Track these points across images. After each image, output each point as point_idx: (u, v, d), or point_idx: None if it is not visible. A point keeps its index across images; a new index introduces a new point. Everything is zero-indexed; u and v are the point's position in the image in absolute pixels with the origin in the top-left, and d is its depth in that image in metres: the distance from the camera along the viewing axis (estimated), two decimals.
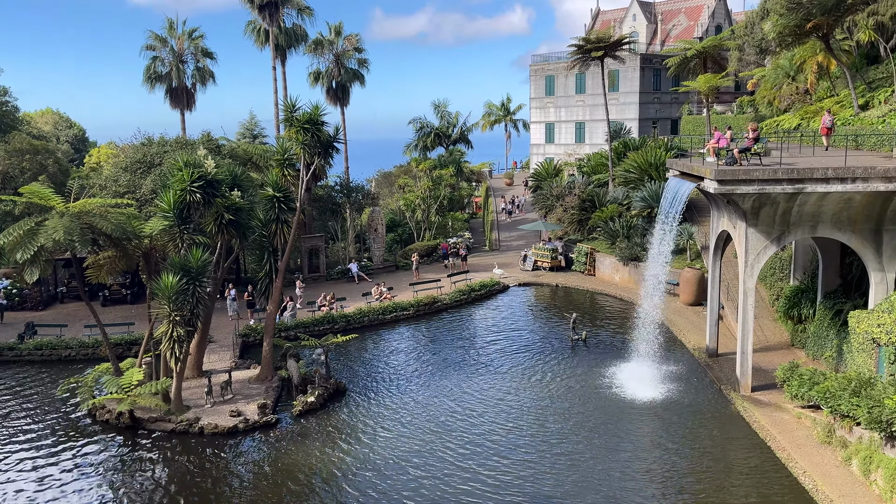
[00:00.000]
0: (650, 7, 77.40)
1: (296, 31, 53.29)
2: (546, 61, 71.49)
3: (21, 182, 41.00)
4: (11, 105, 64.65)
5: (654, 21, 76.15)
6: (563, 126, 70.45)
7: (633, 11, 77.05)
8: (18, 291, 36.55)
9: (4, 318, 34.19)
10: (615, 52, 47.64)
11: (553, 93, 70.68)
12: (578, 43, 47.97)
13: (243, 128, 73.91)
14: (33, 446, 21.32)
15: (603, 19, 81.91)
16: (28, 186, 24.22)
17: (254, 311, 33.75)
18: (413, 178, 53.39)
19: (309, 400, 23.49)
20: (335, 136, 26.64)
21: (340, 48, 52.52)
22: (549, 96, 71.04)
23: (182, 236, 23.21)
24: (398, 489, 18.34)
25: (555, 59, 70.45)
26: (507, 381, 25.81)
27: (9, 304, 35.46)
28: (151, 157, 37.35)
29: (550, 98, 71.01)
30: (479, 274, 41.43)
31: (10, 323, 33.55)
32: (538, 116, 72.61)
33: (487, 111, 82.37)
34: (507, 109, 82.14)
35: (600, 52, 46.59)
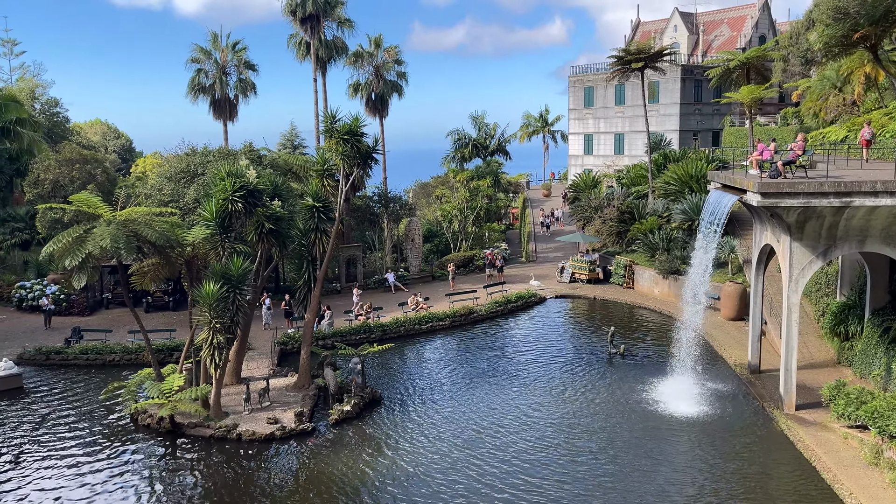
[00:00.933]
0: (692, 18, 76.57)
1: (336, 44, 54.00)
2: (585, 72, 71.21)
3: (71, 190, 42.29)
4: (62, 116, 66.77)
5: (696, 32, 75.29)
6: (602, 137, 69.97)
7: (674, 22, 76.31)
8: (66, 297, 37.60)
9: (52, 322, 35.19)
10: (655, 63, 47.22)
11: (592, 104, 70.30)
12: (618, 54, 47.68)
13: (284, 138, 75.15)
14: (78, 448, 21.82)
15: (643, 30, 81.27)
16: (77, 195, 24.91)
17: (292, 320, 34.14)
18: (450, 189, 53.52)
19: (345, 409, 23.62)
20: (374, 147, 26.87)
21: (380, 60, 53.02)
22: (588, 107, 70.67)
23: (223, 245, 23.63)
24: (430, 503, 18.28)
25: (594, 70, 70.12)
26: (542, 394, 25.58)
27: (57, 309, 36.50)
28: (195, 167, 38.13)
29: (589, 109, 70.62)
30: (515, 285, 41.25)
31: (58, 328, 34.50)
32: (577, 128, 72.26)
33: (525, 122, 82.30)
34: (545, 120, 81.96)
35: (640, 63, 46.23)
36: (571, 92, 72.00)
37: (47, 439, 22.52)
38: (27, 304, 38.20)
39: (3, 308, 38.97)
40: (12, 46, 73.97)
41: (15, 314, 37.75)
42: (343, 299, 39.56)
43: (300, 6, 51.35)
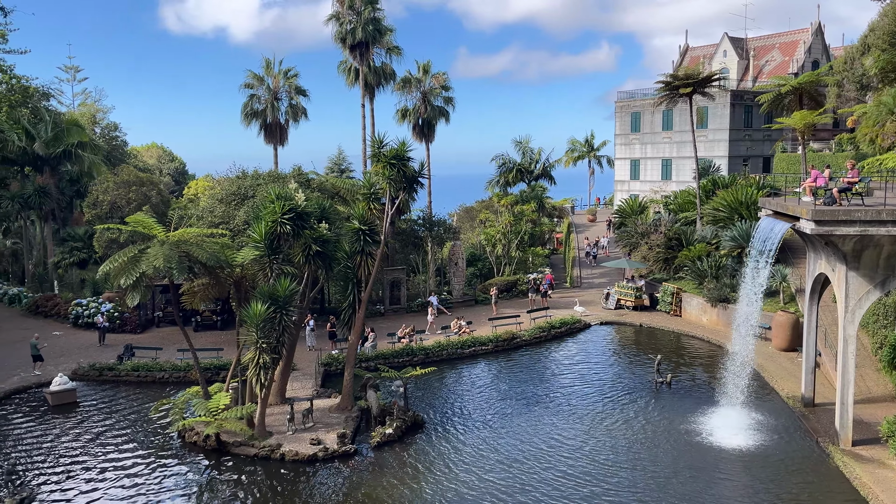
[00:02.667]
0: (742, 43, 75.63)
1: (384, 70, 54.96)
2: (632, 98, 70.86)
3: (127, 211, 43.73)
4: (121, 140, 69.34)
5: (746, 57, 74.29)
6: (649, 163, 69.29)
7: (723, 47, 75.48)
8: (120, 315, 38.72)
9: (106, 339, 36.23)
10: (704, 88, 46.73)
11: (639, 129, 69.79)
12: (666, 79, 47.35)
13: (331, 162, 76.53)
14: (127, 462, 22.29)
15: (692, 55, 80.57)
16: (133, 216, 25.74)
17: (335, 341, 34.44)
18: (494, 213, 53.58)
19: (387, 431, 23.63)
20: (420, 172, 27.15)
21: (428, 86, 53.71)
22: (635, 133, 70.17)
23: (271, 266, 24.07)
24: None
25: (641, 95, 69.71)
26: (585, 423, 25.16)
27: (110, 326, 37.59)
28: (245, 190, 39.04)
29: (636, 134, 70.11)
30: (559, 311, 40.88)
31: (111, 344, 35.49)
32: (623, 153, 71.76)
33: (571, 147, 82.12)
34: (590, 145, 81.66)
35: (689, 88, 45.80)
36: (618, 117, 71.65)
37: (98, 453, 23.08)
38: (83, 322, 39.45)
39: (60, 325, 40.31)
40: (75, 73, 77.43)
41: (71, 331, 38.99)
42: (387, 321, 39.78)
43: (350, 34, 52.53)
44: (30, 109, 49.55)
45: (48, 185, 48.92)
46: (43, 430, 25.32)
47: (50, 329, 39.39)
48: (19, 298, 44.83)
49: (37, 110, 50.19)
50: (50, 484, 20.83)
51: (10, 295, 45.68)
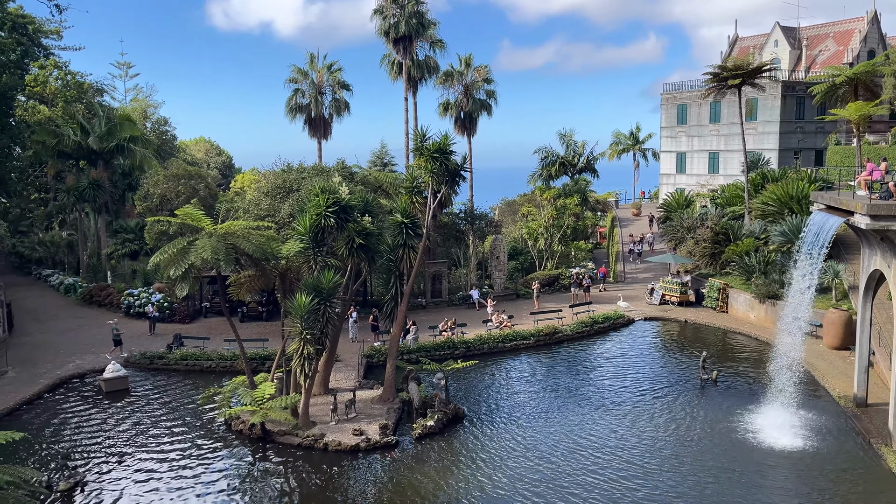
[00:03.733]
0: (794, 32, 73.49)
1: (427, 63, 54.97)
2: (678, 90, 69.54)
3: (176, 204, 44.79)
4: (170, 134, 71.08)
5: (799, 47, 72.17)
6: (696, 156, 67.96)
7: (774, 37, 73.46)
8: (169, 305, 39.75)
9: (156, 328, 37.25)
10: (754, 79, 45.57)
11: (685, 122, 68.47)
12: (714, 70, 46.32)
13: (374, 156, 77.05)
14: (176, 448, 22.93)
15: (741, 46, 78.62)
16: (182, 209, 26.37)
17: (378, 334, 34.75)
18: (537, 207, 53.26)
19: (428, 423, 23.77)
20: (462, 165, 27.14)
21: (470, 79, 53.55)
22: (681, 125, 68.87)
23: (316, 258, 24.39)
24: None
25: (687, 87, 68.35)
26: (628, 419, 24.90)
27: (160, 316, 38.62)
28: (290, 183, 39.57)
29: (682, 127, 68.81)
30: (602, 306, 40.48)
31: (161, 334, 36.47)
32: (669, 146, 70.52)
33: (615, 140, 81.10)
34: (635, 138, 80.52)
35: (738, 79, 44.73)
36: (664, 109, 70.41)
37: (148, 439, 23.78)
38: (134, 311, 40.63)
39: (113, 314, 41.57)
40: (127, 69, 79.58)
41: (123, 320, 40.17)
42: (428, 314, 39.97)
43: (393, 27, 52.67)
44: (84, 105, 51.09)
45: (102, 178, 50.38)
46: (96, 415, 26.20)
47: (103, 318, 40.63)
48: (74, 288, 46.38)
49: (91, 106, 51.70)
50: (102, 468, 21.55)
51: (66, 284, 47.29)
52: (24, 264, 56.45)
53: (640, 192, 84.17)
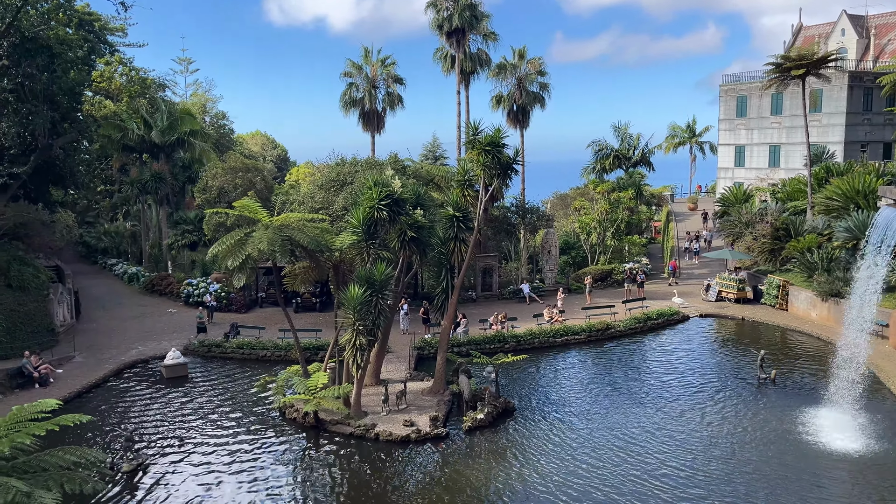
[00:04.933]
0: (862, 21, 70.56)
1: (480, 56, 54.88)
2: (738, 81, 67.64)
3: (234, 196, 45.91)
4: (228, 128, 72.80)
5: (866, 36, 69.29)
6: (756, 149, 66.03)
7: (841, 26, 70.69)
8: (226, 295, 40.82)
9: (214, 317, 38.32)
10: (819, 69, 43.98)
11: (745, 114, 66.58)
12: (777, 61, 44.89)
13: (426, 149, 77.33)
14: (233, 435, 23.58)
15: (805, 35, 75.93)
16: (240, 201, 27.01)
17: (429, 326, 34.97)
18: (589, 201, 52.64)
19: (478, 416, 23.83)
20: (514, 158, 27.00)
21: (523, 72, 53.23)
22: (741, 117, 67.00)
23: (368, 251, 24.69)
24: None
25: (747, 78, 66.42)
26: (682, 418, 24.45)
27: (218, 305, 39.71)
28: (344, 177, 40.11)
29: (742, 119, 66.94)
30: (656, 302, 39.82)
31: (219, 323, 37.49)
32: (727, 139, 68.70)
33: (671, 133, 79.47)
34: (692, 131, 78.74)
35: (802, 70, 43.24)
36: (722, 101, 68.60)
37: (206, 425, 24.52)
38: (193, 300, 41.86)
39: (173, 302, 42.95)
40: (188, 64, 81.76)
41: (183, 308, 41.46)
42: (478, 308, 40.02)
43: (447, 20, 52.71)
44: (147, 100, 52.75)
45: (163, 171, 51.99)
46: (158, 400, 27.15)
47: (164, 306, 42.05)
48: (137, 277, 48.06)
49: (154, 100, 53.36)
50: (163, 451, 22.33)
51: (130, 274, 49.04)
52: (90, 254, 58.80)
53: (696, 186, 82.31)
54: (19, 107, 30.92)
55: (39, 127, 31.43)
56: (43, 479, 11.98)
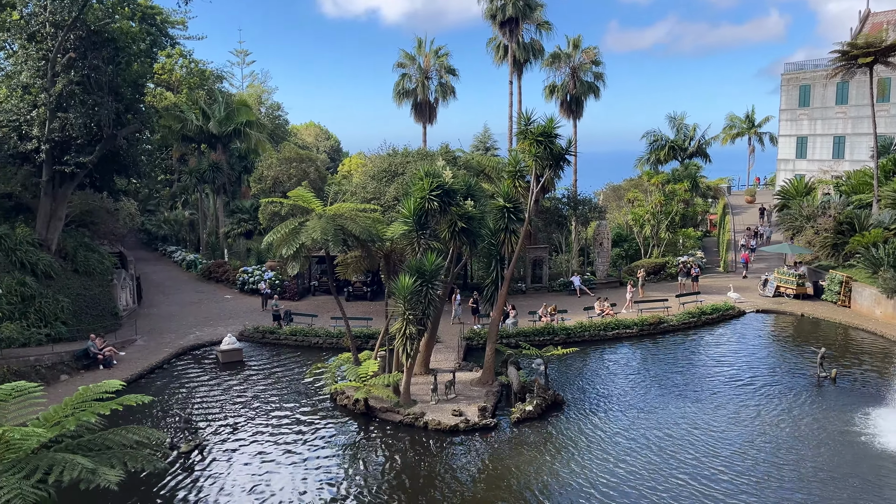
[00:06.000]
0: None
1: (533, 46, 54.35)
2: (801, 69, 65.32)
3: (288, 186, 46.76)
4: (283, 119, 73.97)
5: None
6: (818, 140, 63.73)
7: None
8: (280, 282, 41.66)
9: (268, 304, 39.16)
10: (888, 57, 42.12)
11: (808, 104, 64.30)
12: (843, 48, 43.18)
13: (477, 140, 77.20)
14: (285, 419, 24.12)
15: (873, 22, 72.71)
16: (294, 191, 27.47)
17: (478, 317, 35.00)
18: (643, 193, 51.74)
19: (527, 408, 23.80)
20: (567, 149, 26.76)
21: (577, 62, 52.52)
22: (803, 107, 64.73)
23: (419, 241, 24.84)
24: None
25: (811, 67, 64.07)
26: (732, 415, 23.91)
27: (272, 293, 40.55)
28: (395, 167, 40.39)
29: (804, 109, 64.67)
30: (711, 296, 38.96)
31: (272, 310, 38.26)
32: (788, 129, 66.50)
33: (729, 123, 77.39)
34: (751, 122, 76.50)
35: (869, 58, 41.50)
36: (784, 91, 66.36)
37: (260, 409, 25.14)
38: (248, 287, 42.87)
39: (229, 289, 44.06)
40: (244, 56, 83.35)
41: (238, 295, 42.51)
42: (528, 299, 39.85)
43: (500, 10, 52.35)
44: (206, 91, 54.02)
45: (220, 161, 53.24)
46: (214, 384, 27.95)
47: (221, 293, 43.18)
48: (195, 264, 49.45)
49: (212, 92, 54.60)
50: (219, 433, 23.00)
51: (188, 261, 50.50)
52: (151, 241, 60.78)
53: (754, 179, 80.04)
54: (86, 98, 32.02)
55: (104, 118, 32.50)
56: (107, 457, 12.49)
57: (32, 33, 31.64)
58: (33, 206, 35.74)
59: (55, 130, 31.84)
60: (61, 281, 32.70)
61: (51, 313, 30.60)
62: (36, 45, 31.85)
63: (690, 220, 55.05)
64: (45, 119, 31.62)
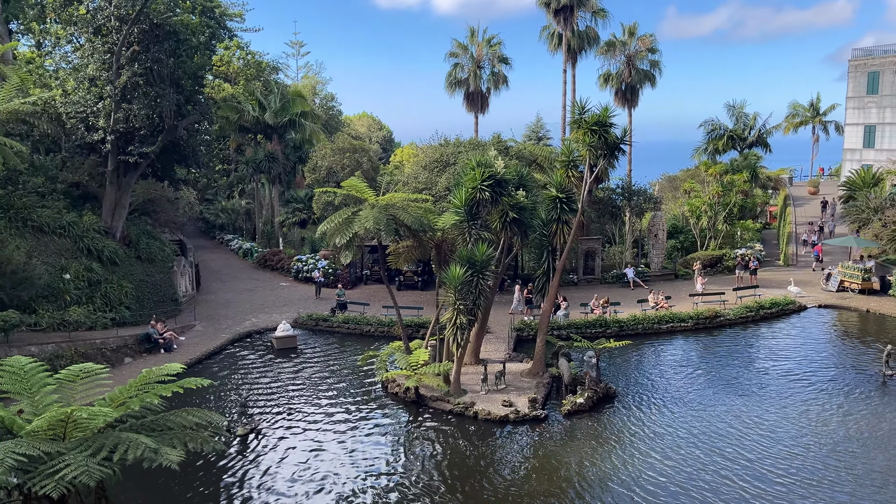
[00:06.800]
0: None
1: (588, 34, 53.62)
2: (869, 55, 62.59)
3: (342, 176, 47.37)
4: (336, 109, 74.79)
5: None
6: (888, 129, 61.01)
7: None
8: (333, 271, 42.28)
9: (321, 293, 39.83)
10: None
11: (877, 91, 61.59)
12: None
13: (529, 130, 76.59)
14: (337, 406, 24.54)
15: None
16: (347, 181, 27.82)
17: (530, 308, 34.85)
18: (700, 183, 50.54)
19: (578, 401, 23.62)
20: (621, 138, 26.33)
21: (633, 49, 51.60)
22: (872, 95, 62.04)
23: (470, 231, 24.84)
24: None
25: (880, 52, 61.35)
26: (788, 413, 23.19)
27: (325, 281, 41.21)
28: (447, 157, 40.43)
29: (873, 97, 61.99)
30: (770, 290, 37.87)
31: (326, 298, 38.94)
32: (855, 118, 63.86)
33: (792, 112, 74.82)
34: (815, 110, 73.80)
35: None
36: (851, 77, 63.72)
37: (313, 395, 25.63)
38: (302, 276, 43.66)
39: (284, 277, 44.95)
40: (299, 48, 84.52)
41: (293, 283, 43.34)
42: (579, 291, 39.46)
43: None
44: (262, 82, 55.04)
45: (276, 151, 54.23)
46: (269, 370, 28.61)
47: (276, 281, 44.10)
48: (251, 252, 50.60)
49: (268, 83, 55.59)
50: (273, 418, 23.55)
51: (244, 249, 51.71)
52: (209, 229, 62.43)
53: (818, 169, 77.21)
54: (148, 90, 33.03)
55: (166, 109, 33.48)
56: (168, 438, 12.94)
57: (98, 27, 32.76)
58: (99, 194, 37.12)
59: (120, 121, 32.96)
60: (125, 267, 33.91)
61: (115, 298, 31.77)
62: (102, 38, 32.98)
63: (749, 211, 53.52)
64: (111, 110, 32.77)
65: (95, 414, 12.17)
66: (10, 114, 30.20)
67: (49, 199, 33.63)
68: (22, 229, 30.61)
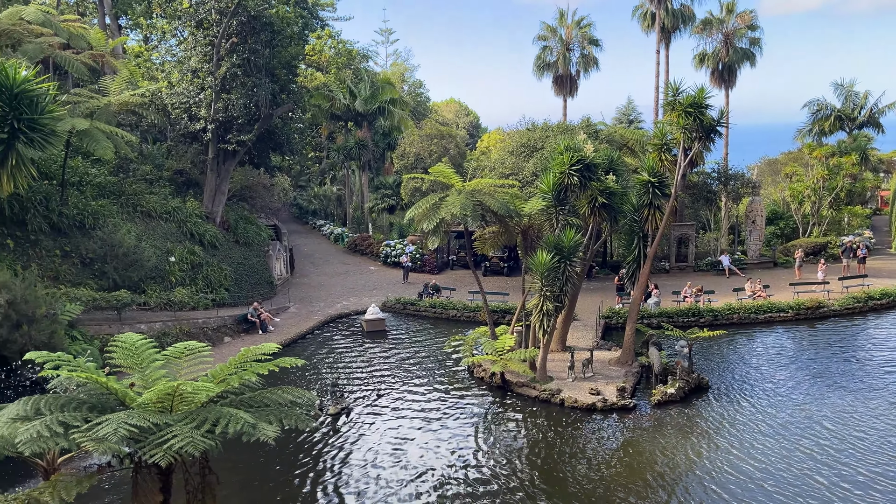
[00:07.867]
0: None
1: (682, 12, 51.54)
2: None
3: (429, 162, 47.76)
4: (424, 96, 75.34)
5: None
6: None
7: None
8: (420, 256, 42.84)
9: (409, 277, 40.46)
10: None
11: None
12: None
13: (620, 113, 74.73)
14: (424, 389, 24.93)
15: None
16: (435, 167, 28.04)
17: (621, 296, 34.15)
18: (803, 167, 47.89)
19: (669, 391, 23.02)
20: (718, 121, 25.28)
21: (731, 27, 49.26)
22: None
23: (557, 217, 24.53)
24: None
25: None
26: (892, 413, 21.80)
27: (412, 266, 41.82)
28: (534, 142, 40.01)
29: None
30: (880, 280, 35.56)
31: (413, 283, 39.54)
32: None
33: None
34: None
35: None
36: None
37: (401, 377, 26.14)
38: (390, 260, 44.48)
39: (373, 262, 45.94)
40: (388, 35, 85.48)
41: (381, 268, 44.23)
42: (671, 279, 38.36)
43: None
44: (352, 71, 56.12)
45: (366, 138, 55.26)
46: (358, 352, 29.38)
47: (366, 265, 45.14)
48: (342, 237, 51.95)
49: (358, 71, 56.66)
50: (363, 398, 24.19)
51: (335, 234, 53.15)
52: (302, 215, 64.50)
53: None
54: (246, 80, 34.36)
55: (262, 98, 34.77)
56: (265, 414, 13.50)
57: (200, 20, 34.29)
58: (201, 181, 39.01)
59: (219, 111, 34.47)
60: (224, 251, 35.55)
61: (216, 280, 33.40)
62: (203, 31, 34.51)
63: (858, 196, 50.34)
64: (211, 100, 34.32)
65: (199, 389, 12.83)
66: (122, 105, 32.15)
67: (156, 185, 35.64)
68: (132, 214, 32.58)
